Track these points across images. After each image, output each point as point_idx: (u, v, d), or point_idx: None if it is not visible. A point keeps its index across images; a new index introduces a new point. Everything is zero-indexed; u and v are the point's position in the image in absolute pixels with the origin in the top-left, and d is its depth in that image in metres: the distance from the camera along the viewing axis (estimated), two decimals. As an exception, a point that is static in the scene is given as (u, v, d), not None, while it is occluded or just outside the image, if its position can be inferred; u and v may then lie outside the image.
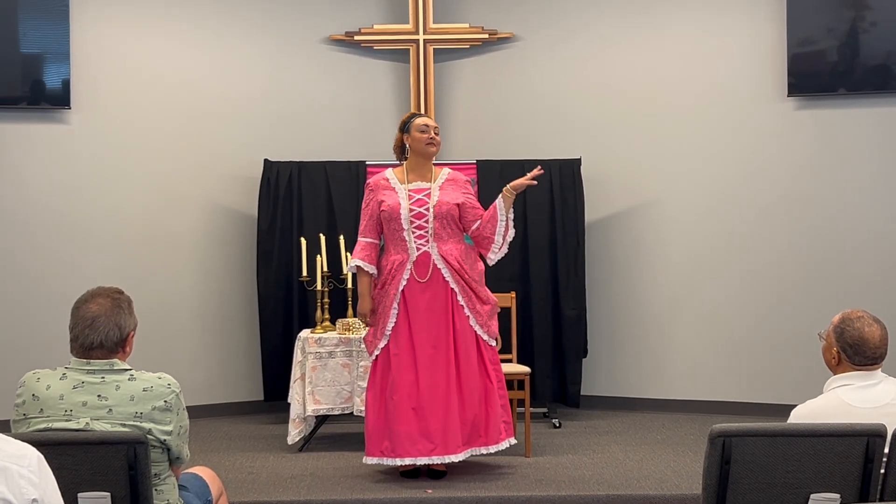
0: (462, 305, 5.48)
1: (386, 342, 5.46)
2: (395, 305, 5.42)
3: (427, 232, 5.44)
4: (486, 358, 5.56)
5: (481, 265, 5.67)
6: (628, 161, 7.79)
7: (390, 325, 5.43)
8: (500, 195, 5.57)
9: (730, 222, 7.57)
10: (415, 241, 5.43)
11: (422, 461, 5.46)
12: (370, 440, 5.50)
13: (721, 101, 7.59)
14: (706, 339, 7.61)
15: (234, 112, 7.75)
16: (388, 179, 5.57)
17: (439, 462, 5.48)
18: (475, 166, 7.49)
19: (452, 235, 5.50)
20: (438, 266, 5.44)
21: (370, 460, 5.53)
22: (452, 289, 5.46)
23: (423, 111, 7.70)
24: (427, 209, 5.43)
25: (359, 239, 5.56)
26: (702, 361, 7.62)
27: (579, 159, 7.51)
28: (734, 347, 7.55)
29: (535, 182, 5.58)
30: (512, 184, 5.57)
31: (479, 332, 5.52)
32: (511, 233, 5.61)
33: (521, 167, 7.49)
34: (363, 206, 5.61)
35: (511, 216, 5.59)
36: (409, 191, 5.49)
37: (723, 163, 7.59)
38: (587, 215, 7.56)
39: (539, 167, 5.60)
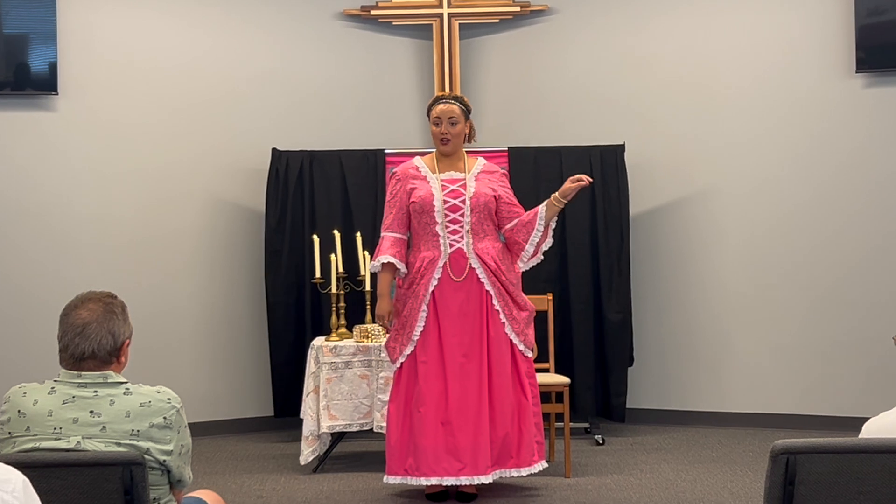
0: (497, 310, 5.46)
1: (412, 348, 5.43)
2: (424, 307, 5.39)
3: (462, 227, 5.42)
4: (522, 370, 5.54)
5: (518, 268, 5.65)
6: (677, 146, 7.75)
7: (418, 330, 5.41)
8: (546, 202, 5.53)
9: (792, 213, 7.53)
10: (448, 237, 5.40)
11: (448, 481, 5.44)
12: (392, 457, 5.49)
13: (780, 78, 7.54)
14: (768, 344, 7.57)
15: (239, 97, 7.78)
16: (417, 168, 5.55)
17: (468, 483, 5.46)
18: (506, 154, 7.48)
19: (489, 232, 5.49)
20: (473, 265, 5.42)
21: (392, 479, 5.52)
22: (488, 291, 5.44)
23: (447, 92, 7.67)
24: (463, 201, 5.41)
25: (384, 234, 5.53)
26: (763, 369, 7.58)
27: (623, 145, 7.48)
28: (800, 353, 7.51)
29: (585, 183, 5.52)
30: (560, 190, 5.53)
31: (515, 340, 5.50)
32: (548, 242, 5.60)
33: (558, 155, 7.52)
34: (389, 197, 5.58)
35: (553, 225, 5.58)
36: (441, 181, 5.47)
37: (783, 147, 7.55)
38: (632, 207, 7.54)
39: (588, 178, 5.54)
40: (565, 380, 6.42)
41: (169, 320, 7.56)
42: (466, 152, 5.66)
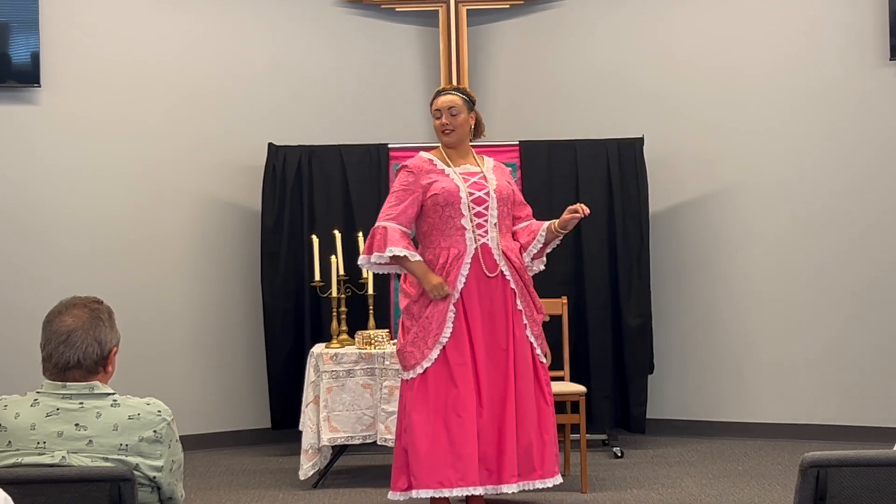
0: (520, 310, 5.46)
1: (439, 352, 5.37)
2: (452, 308, 5.36)
3: (487, 220, 5.41)
4: (542, 376, 5.56)
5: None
6: (700, 138, 7.75)
7: (447, 331, 5.35)
8: (548, 224, 5.52)
9: (823, 210, 7.51)
10: (475, 231, 5.39)
11: (477, 491, 5.38)
12: (422, 470, 5.27)
13: (810, 66, 7.53)
14: (799, 349, 7.55)
15: (232, 89, 7.78)
16: (431, 161, 5.51)
17: (494, 493, 5.43)
18: (517, 148, 7.48)
19: (509, 228, 5.53)
20: (499, 262, 5.42)
21: (423, 493, 5.38)
22: (513, 289, 5.44)
23: (455, 83, 7.68)
24: (487, 194, 5.41)
25: (387, 224, 5.42)
26: (793, 377, 7.57)
27: (641, 138, 7.48)
28: (833, 359, 7.49)
29: (581, 215, 5.48)
30: (559, 221, 5.50)
31: (535, 344, 5.52)
32: (539, 265, 5.61)
33: (573, 149, 7.52)
34: (397, 189, 5.44)
35: (551, 248, 5.59)
36: (461, 174, 5.47)
37: (813, 139, 7.53)
38: (652, 204, 7.53)
39: (586, 209, 5.48)
40: (581, 388, 6.41)
41: (159, 327, 7.57)
42: (473, 148, 5.65)
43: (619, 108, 7.85)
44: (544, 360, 5.59)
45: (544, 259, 5.65)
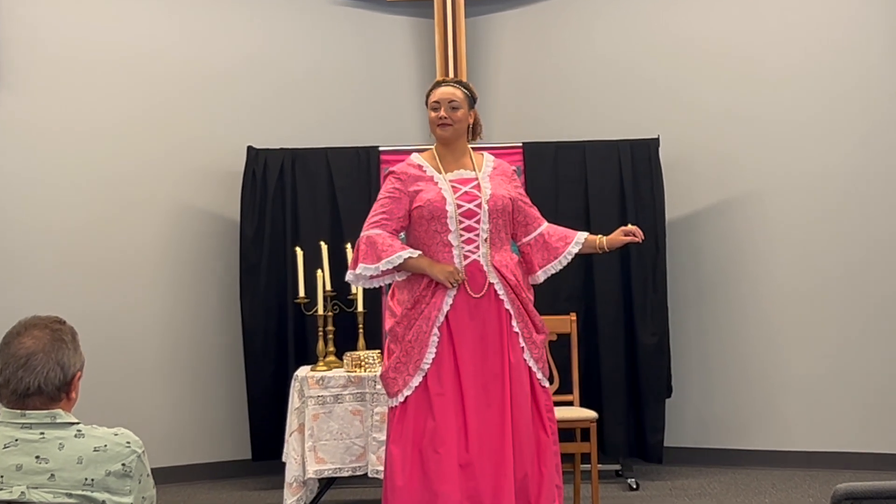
0: (517, 332, 5.42)
1: (421, 379, 5.37)
2: (436, 331, 5.35)
3: (478, 235, 5.39)
4: (541, 402, 5.53)
5: (529, 283, 5.63)
6: (721, 139, 7.76)
7: (430, 357, 5.35)
8: (585, 237, 5.48)
9: (856, 215, 7.51)
10: (463, 247, 5.37)
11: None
12: None
13: (840, 59, 7.54)
14: (832, 371, 7.55)
15: (208, 88, 7.80)
16: (420, 167, 5.48)
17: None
18: (521, 150, 7.49)
19: (505, 241, 5.47)
20: (491, 280, 5.39)
21: None
22: (507, 310, 5.41)
23: (451, 77, 7.67)
24: (479, 205, 5.36)
25: (373, 233, 5.36)
26: (826, 400, 7.57)
27: (657, 139, 7.49)
28: (870, 382, 7.48)
29: (639, 240, 5.48)
30: (609, 239, 5.48)
31: (534, 368, 5.48)
32: (542, 275, 5.60)
33: (581, 151, 7.52)
34: (383, 196, 5.42)
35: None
36: (451, 182, 5.43)
37: (844, 138, 7.53)
38: (668, 211, 7.55)
39: (641, 234, 5.46)
40: (592, 414, 6.40)
41: (128, 349, 7.56)
42: (472, 148, 5.63)
43: (631, 105, 7.86)
44: (546, 385, 5.57)
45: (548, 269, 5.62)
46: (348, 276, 5.43)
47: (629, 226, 5.40)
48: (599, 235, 5.44)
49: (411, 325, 5.34)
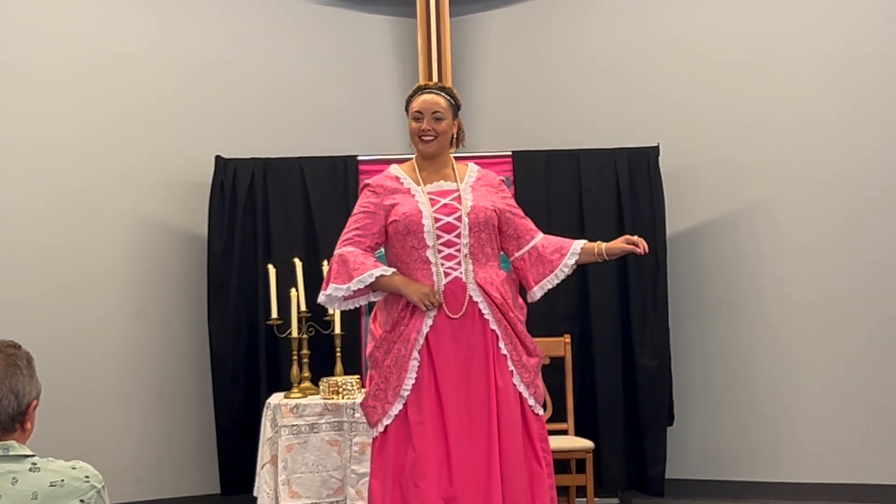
0: (505, 355, 5.40)
1: (401, 407, 5.37)
2: (416, 355, 5.33)
3: (458, 250, 5.38)
4: (533, 431, 5.51)
5: (522, 302, 5.61)
6: (725, 148, 7.77)
7: (409, 383, 5.34)
8: (582, 246, 5.46)
9: (872, 232, 7.50)
10: (442, 264, 5.36)
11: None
12: None
13: (855, 62, 7.54)
14: (847, 396, 7.54)
15: (173, 94, 7.79)
16: (398, 178, 5.48)
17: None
18: (511, 159, 7.49)
19: (491, 257, 5.44)
20: (475, 299, 5.37)
21: None
22: (493, 331, 5.39)
23: (433, 82, 7.67)
24: (458, 218, 5.35)
25: (346, 251, 5.35)
26: (841, 428, 7.56)
27: (657, 147, 7.50)
28: (886, 409, 7.48)
29: (641, 251, 5.47)
30: (608, 247, 5.46)
31: (525, 394, 5.46)
32: (538, 291, 5.56)
33: (575, 160, 7.52)
34: (357, 212, 5.43)
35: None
36: (429, 194, 5.43)
37: (859, 149, 7.53)
38: (669, 225, 7.55)
39: (645, 246, 5.46)
40: (588, 444, 6.39)
41: (87, 375, 7.53)
42: (455, 158, 5.62)
43: (629, 111, 7.86)
44: (539, 412, 5.55)
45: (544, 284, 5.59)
46: (320, 298, 5.40)
47: (633, 236, 5.38)
48: (598, 242, 5.40)
49: (390, 349, 5.33)
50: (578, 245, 5.39)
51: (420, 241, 5.27)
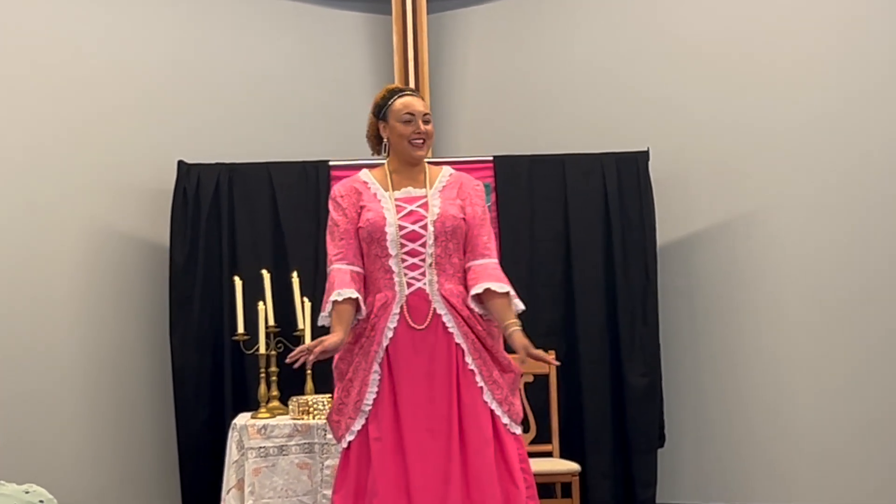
0: (472, 370, 5.42)
1: (363, 422, 5.40)
2: (377, 367, 5.37)
3: (423, 260, 5.40)
4: (509, 451, 5.50)
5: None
6: (719, 152, 7.78)
7: (370, 397, 5.37)
8: (510, 334, 5.42)
9: (875, 241, 7.50)
10: (405, 273, 5.39)
11: None
12: None
13: (854, 63, 7.55)
14: (846, 415, 7.54)
15: (132, 95, 7.76)
16: (365, 183, 5.52)
17: None
18: (492, 165, 7.48)
19: (459, 267, 5.46)
20: (439, 311, 5.40)
21: None
22: (458, 345, 5.42)
23: (413, 84, 7.69)
24: (424, 226, 5.39)
25: (338, 266, 5.39)
26: (839, 448, 7.56)
27: (646, 152, 7.51)
28: (885, 430, 7.49)
29: (547, 362, 5.46)
30: (510, 336, 5.43)
31: (498, 411, 5.46)
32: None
33: (560, 166, 7.52)
34: (331, 223, 5.52)
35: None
36: (396, 201, 5.45)
37: (861, 154, 7.52)
38: (660, 234, 7.55)
39: (552, 361, 5.43)
40: (574, 466, 6.39)
41: (42, 394, 7.48)
42: (428, 162, 5.63)
43: (617, 114, 7.87)
44: (516, 431, 5.55)
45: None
46: (321, 320, 5.45)
47: (545, 356, 5.29)
48: (513, 326, 5.24)
49: (352, 361, 5.39)
50: (505, 327, 5.26)
51: (383, 250, 5.32)
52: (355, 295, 5.26)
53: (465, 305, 5.37)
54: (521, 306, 5.31)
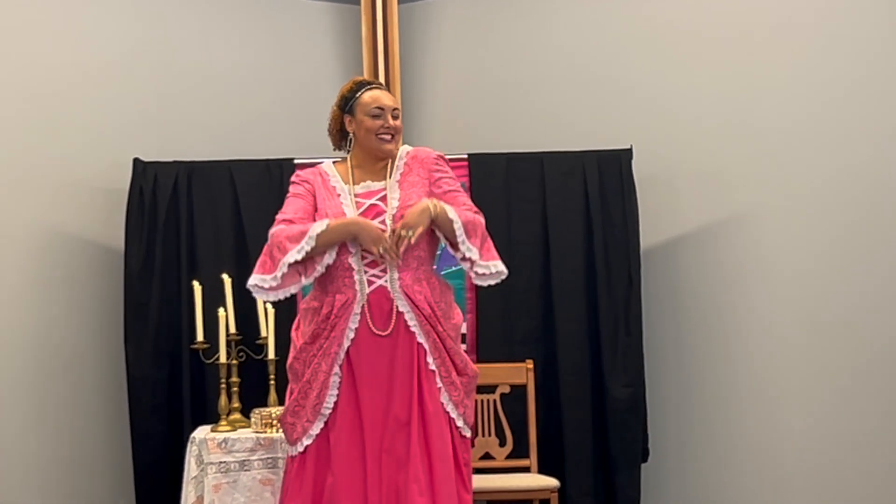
0: (433, 371, 5.45)
1: (322, 426, 5.41)
2: (337, 369, 5.39)
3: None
4: (459, 454, 5.54)
5: (458, 314, 5.63)
6: (707, 150, 7.79)
7: (330, 401, 5.40)
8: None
9: (870, 247, 7.51)
10: (365, 271, 5.41)
11: None
12: None
13: (851, 59, 7.56)
14: (835, 431, 7.55)
15: (84, 88, 7.73)
16: (327, 175, 5.57)
17: None
18: (466, 163, 7.48)
19: (423, 260, 5.49)
20: (401, 309, 5.42)
21: None
22: (420, 345, 5.44)
23: (384, 78, 7.68)
24: (383, 222, 5.42)
25: (279, 228, 5.43)
26: (831, 462, 7.57)
27: (629, 150, 7.51)
28: (879, 445, 7.49)
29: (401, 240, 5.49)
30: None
31: (454, 414, 5.50)
32: (484, 269, 5.52)
33: (539, 164, 7.51)
34: (290, 195, 5.52)
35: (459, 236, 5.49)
36: (356, 196, 5.48)
37: (856, 155, 7.53)
38: (643, 238, 7.55)
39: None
40: (553, 482, 6.38)
41: (-13, 405, 7.47)
42: None
43: (598, 110, 7.89)
44: (467, 434, 5.57)
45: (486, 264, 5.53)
46: (252, 280, 5.46)
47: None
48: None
49: (309, 363, 5.44)
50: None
51: (342, 247, 5.35)
52: (323, 226, 5.25)
53: (428, 303, 5.42)
54: (501, 267, 5.39)
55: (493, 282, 5.48)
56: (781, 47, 7.68)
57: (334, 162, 5.67)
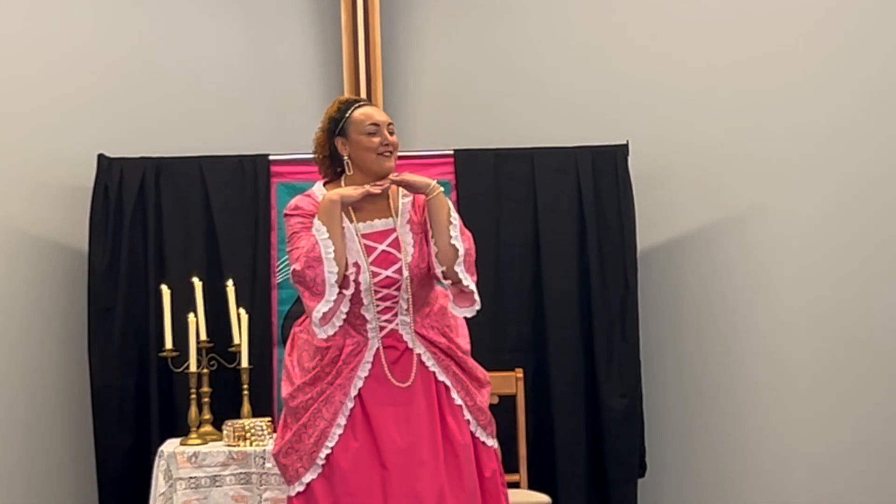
0: (460, 406, 5.41)
1: (316, 475, 5.35)
2: (343, 419, 5.31)
3: (396, 302, 5.37)
4: (497, 468, 5.51)
5: (463, 322, 5.57)
6: (705, 149, 7.79)
7: (324, 453, 5.32)
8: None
9: (878, 248, 7.54)
10: (378, 319, 5.35)
11: None
12: None
13: (857, 54, 7.60)
14: (843, 442, 7.58)
15: (50, 83, 7.72)
16: None
17: None
18: (452, 160, 7.47)
19: (428, 293, 5.44)
20: (417, 351, 5.37)
21: None
22: (442, 383, 5.39)
23: (365, 78, 7.66)
24: (399, 271, 5.33)
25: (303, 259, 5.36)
26: (838, 475, 7.60)
27: (625, 146, 7.50)
28: (889, 455, 7.50)
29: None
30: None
31: (482, 437, 5.47)
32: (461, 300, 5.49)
33: (529, 161, 7.51)
34: (297, 232, 5.39)
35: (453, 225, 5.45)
36: (364, 238, 5.37)
37: (863, 152, 7.58)
38: (640, 238, 7.55)
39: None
40: (544, 498, 6.38)
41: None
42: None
43: (592, 104, 7.90)
44: (494, 444, 5.54)
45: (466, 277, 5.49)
46: (315, 316, 5.26)
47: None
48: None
49: (307, 406, 5.32)
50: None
51: (355, 297, 5.26)
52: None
53: (442, 334, 5.36)
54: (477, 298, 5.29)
55: (468, 311, 5.37)
56: (781, 46, 7.72)
57: (325, 183, 5.53)
